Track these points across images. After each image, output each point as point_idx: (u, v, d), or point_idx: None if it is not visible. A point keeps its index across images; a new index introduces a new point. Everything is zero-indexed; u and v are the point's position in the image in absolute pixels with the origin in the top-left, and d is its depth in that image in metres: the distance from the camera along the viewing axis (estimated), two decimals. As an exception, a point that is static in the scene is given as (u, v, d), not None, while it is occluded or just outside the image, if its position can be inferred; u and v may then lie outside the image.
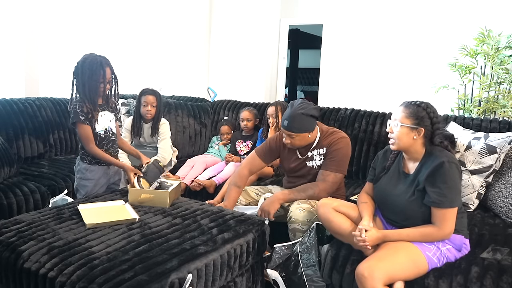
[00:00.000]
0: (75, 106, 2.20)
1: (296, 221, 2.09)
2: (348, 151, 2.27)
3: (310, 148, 2.29)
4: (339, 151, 2.23)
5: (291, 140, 2.21)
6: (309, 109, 2.16)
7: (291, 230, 2.13)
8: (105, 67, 2.19)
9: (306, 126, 2.17)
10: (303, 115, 2.14)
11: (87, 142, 2.23)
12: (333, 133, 2.29)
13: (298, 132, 2.17)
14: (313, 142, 2.28)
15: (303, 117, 2.14)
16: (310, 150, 2.29)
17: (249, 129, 3.31)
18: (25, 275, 1.47)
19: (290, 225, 2.13)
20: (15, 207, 2.38)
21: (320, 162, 2.28)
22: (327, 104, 3.42)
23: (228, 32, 5.41)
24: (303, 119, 2.14)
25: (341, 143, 2.25)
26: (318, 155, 2.28)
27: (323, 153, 2.28)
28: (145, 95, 3.02)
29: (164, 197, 2.03)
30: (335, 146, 2.24)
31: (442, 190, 1.64)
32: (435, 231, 1.67)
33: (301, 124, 2.15)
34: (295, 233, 2.11)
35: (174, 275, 1.42)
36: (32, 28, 3.41)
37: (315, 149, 2.29)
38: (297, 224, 2.09)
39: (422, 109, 1.72)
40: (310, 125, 2.18)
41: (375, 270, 1.55)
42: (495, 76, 3.97)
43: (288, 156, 2.37)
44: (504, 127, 2.40)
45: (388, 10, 4.81)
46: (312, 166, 2.30)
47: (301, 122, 2.15)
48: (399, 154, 1.89)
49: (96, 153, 2.25)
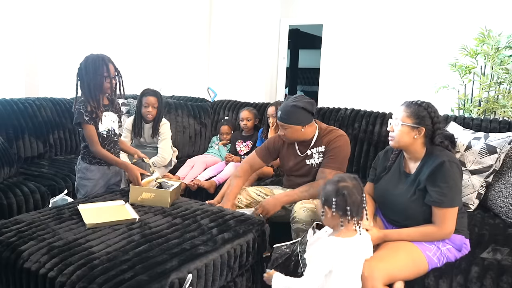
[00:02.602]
0: (79, 107, 2.20)
1: (300, 221, 2.08)
2: (347, 149, 2.28)
3: (309, 145, 2.30)
4: (338, 148, 2.25)
5: (284, 132, 2.25)
6: (302, 102, 2.20)
7: (294, 230, 2.11)
8: (107, 63, 2.20)
9: (298, 119, 2.20)
10: (295, 107, 2.18)
11: (92, 142, 2.22)
12: (331, 131, 2.31)
13: (290, 124, 2.20)
14: (312, 139, 2.29)
15: (295, 109, 2.18)
16: (309, 148, 2.30)
17: (249, 129, 3.31)
18: (25, 275, 1.46)
19: (294, 225, 2.11)
20: (15, 207, 2.38)
21: (319, 160, 2.29)
22: (327, 104, 3.42)
23: (228, 32, 5.41)
24: (295, 111, 2.18)
25: (340, 140, 2.26)
26: (317, 153, 2.30)
27: (322, 151, 2.29)
28: (146, 96, 3.02)
29: (165, 196, 2.03)
30: (334, 144, 2.25)
31: (443, 189, 1.64)
32: (435, 231, 1.67)
33: (292, 116, 2.19)
34: (298, 233, 2.09)
35: (174, 275, 1.42)
36: (32, 28, 3.41)
37: (314, 147, 2.30)
38: (301, 224, 2.08)
39: (423, 109, 1.73)
40: (304, 119, 2.21)
41: (375, 270, 1.55)
42: (495, 76, 3.97)
43: (288, 155, 2.38)
44: (504, 127, 2.40)
45: (388, 10, 4.81)
46: (311, 164, 2.31)
47: (293, 114, 2.19)
48: (400, 154, 1.89)
49: (101, 154, 2.24)
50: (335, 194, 1.47)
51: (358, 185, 1.50)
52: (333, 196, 1.48)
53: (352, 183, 1.50)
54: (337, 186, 1.49)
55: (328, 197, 1.49)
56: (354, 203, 1.46)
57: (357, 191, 1.48)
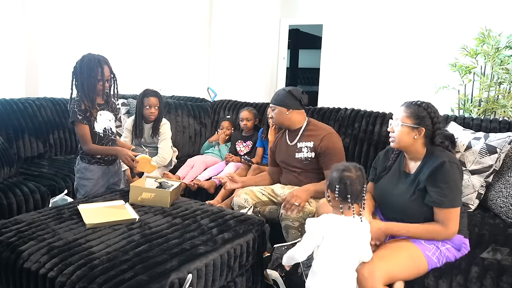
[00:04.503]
0: (73, 106, 2.21)
1: (287, 217, 2.14)
2: (340, 144, 2.40)
3: (297, 135, 2.41)
4: (334, 147, 2.32)
5: (272, 114, 2.47)
6: (291, 88, 2.42)
7: (283, 227, 2.18)
8: (103, 65, 2.19)
9: (284, 101, 2.37)
10: (283, 90, 2.41)
11: (84, 141, 2.23)
12: (320, 129, 2.40)
13: (275, 104, 2.40)
14: (299, 130, 2.41)
15: (283, 92, 2.39)
16: (298, 140, 2.40)
17: (249, 129, 3.31)
18: (25, 275, 1.46)
19: (282, 222, 2.18)
20: (15, 207, 2.38)
21: (308, 155, 2.37)
22: (327, 104, 3.42)
23: (228, 32, 5.41)
24: (283, 94, 2.39)
25: (331, 138, 2.34)
26: (306, 148, 2.38)
27: (310, 147, 2.36)
28: (147, 97, 3.01)
29: (165, 196, 2.03)
30: (326, 143, 2.32)
31: (443, 190, 1.64)
32: (441, 230, 1.67)
33: (279, 97, 2.40)
34: (287, 230, 2.16)
35: (174, 275, 1.42)
36: (32, 28, 3.41)
37: (303, 142, 2.39)
38: (287, 220, 2.14)
39: (423, 109, 1.73)
40: (289, 103, 2.37)
41: (375, 270, 1.55)
42: (495, 76, 3.97)
43: (280, 146, 2.52)
44: (504, 127, 2.40)
45: (388, 10, 4.81)
46: (300, 158, 2.39)
47: (280, 96, 2.40)
48: (401, 154, 1.89)
49: (93, 151, 2.25)
50: (338, 182, 1.57)
51: (361, 176, 1.59)
52: (336, 183, 1.57)
53: (356, 173, 1.58)
54: (342, 174, 1.58)
55: (332, 182, 1.60)
56: (354, 192, 1.55)
57: (359, 182, 1.57)
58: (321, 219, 1.58)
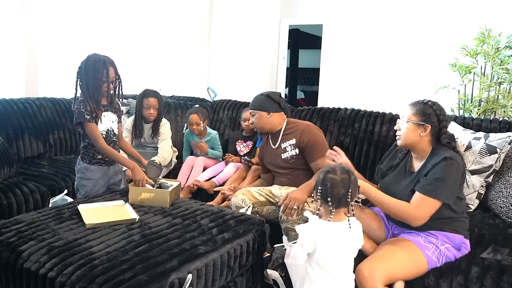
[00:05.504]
0: (79, 106, 2.18)
1: (287, 220, 2.12)
2: (321, 135, 2.43)
3: (279, 136, 2.45)
4: (315, 138, 2.35)
5: (253, 120, 2.49)
6: (268, 92, 2.46)
7: (283, 229, 2.14)
8: (108, 67, 2.17)
9: (263, 105, 2.42)
10: (261, 95, 2.46)
11: (97, 140, 2.20)
12: (299, 124, 2.45)
13: (255, 109, 2.44)
14: (280, 131, 2.45)
15: (262, 97, 2.45)
16: (281, 141, 2.44)
17: (250, 130, 3.30)
18: (25, 275, 1.46)
19: (282, 224, 2.16)
20: (15, 207, 2.38)
21: (293, 152, 2.40)
22: (327, 104, 3.42)
23: (228, 32, 5.41)
24: (261, 99, 2.44)
25: (311, 131, 2.38)
26: (289, 146, 2.41)
27: (293, 144, 2.40)
28: (147, 98, 3.01)
29: (164, 196, 2.03)
30: (307, 136, 2.36)
31: (430, 179, 1.65)
32: (410, 210, 1.65)
33: (257, 102, 2.44)
34: (287, 232, 2.12)
35: (174, 275, 1.42)
36: (32, 28, 3.41)
37: (286, 141, 2.42)
38: (287, 223, 2.12)
39: (428, 106, 1.75)
40: (268, 106, 2.41)
41: (375, 270, 1.55)
42: (495, 76, 3.97)
43: (265, 151, 2.56)
44: (504, 127, 2.40)
45: (388, 10, 4.81)
46: (286, 158, 2.42)
47: (258, 101, 2.44)
48: (408, 154, 1.90)
49: (107, 151, 2.22)
50: (321, 183, 1.51)
51: (346, 179, 1.49)
52: (319, 184, 1.52)
53: (341, 176, 1.49)
54: (325, 175, 1.51)
55: (316, 183, 1.55)
56: (335, 195, 1.47)
57: (343, 185, 1.48)
58: (310, 227, 1.52)
